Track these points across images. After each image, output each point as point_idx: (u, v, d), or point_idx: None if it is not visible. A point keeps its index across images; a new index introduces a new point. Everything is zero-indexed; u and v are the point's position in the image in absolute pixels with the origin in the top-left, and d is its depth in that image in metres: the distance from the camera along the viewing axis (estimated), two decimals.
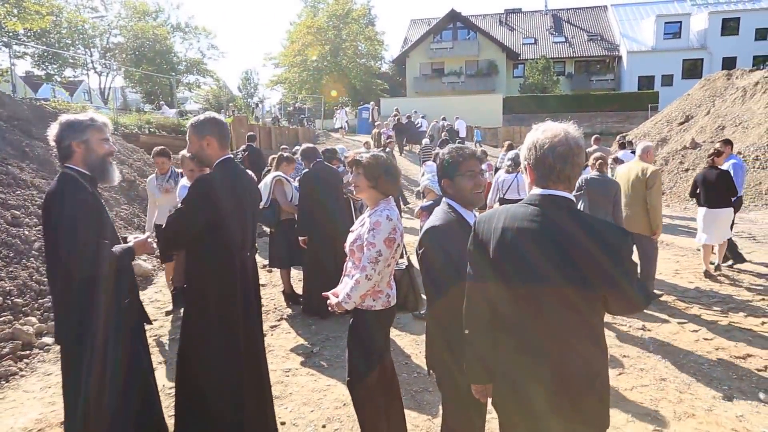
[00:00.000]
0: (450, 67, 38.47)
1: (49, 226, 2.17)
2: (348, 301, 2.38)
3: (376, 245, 2.34)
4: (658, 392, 3.54)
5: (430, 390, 3.52)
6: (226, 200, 2.44)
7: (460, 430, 2.14)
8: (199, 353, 2.48)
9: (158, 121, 13.42)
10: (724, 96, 17.96)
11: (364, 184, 2.45)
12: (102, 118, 2.36)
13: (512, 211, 1.63)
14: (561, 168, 1.58)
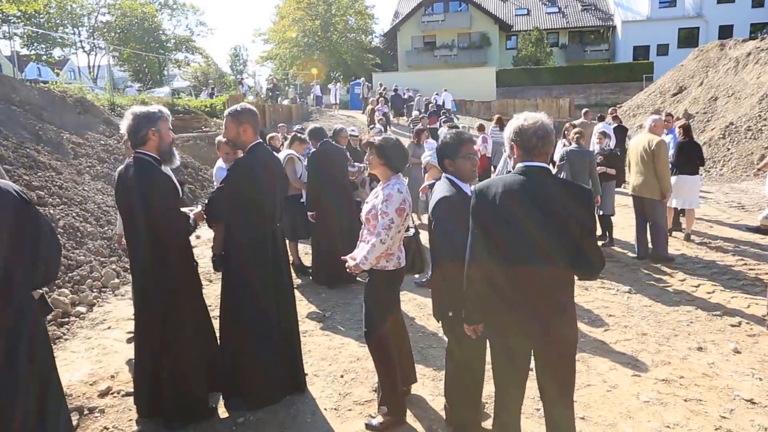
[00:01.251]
0: (442, 40, 38.42)
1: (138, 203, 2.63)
2: (365, 262, 2.80)
3: (389, 214, 2.77)
4: (639, 345, 4.02)
5: (434, 346, 4.01)
6: (260, 179, 2.91)
7: (464, 366, 2.66)
8: (236, 311, 2.98)
9: (153, 101, 13.60)
10: (717, 67, 18.29)
11: (377, 162, 2.90)
12: (167, 110, 2.82)
13: (504, 180, 2.15)
14: (540, 145, 2.13)
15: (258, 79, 30.92)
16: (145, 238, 2.66)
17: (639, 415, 3.12)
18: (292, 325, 3.19)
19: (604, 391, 3.38)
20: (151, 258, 2.71)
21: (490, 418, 2.92)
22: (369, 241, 2.82)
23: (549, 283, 2.12)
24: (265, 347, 2.99)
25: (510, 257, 2.12)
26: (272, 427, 2.98)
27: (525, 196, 2.07)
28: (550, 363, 2.21)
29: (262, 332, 2.99)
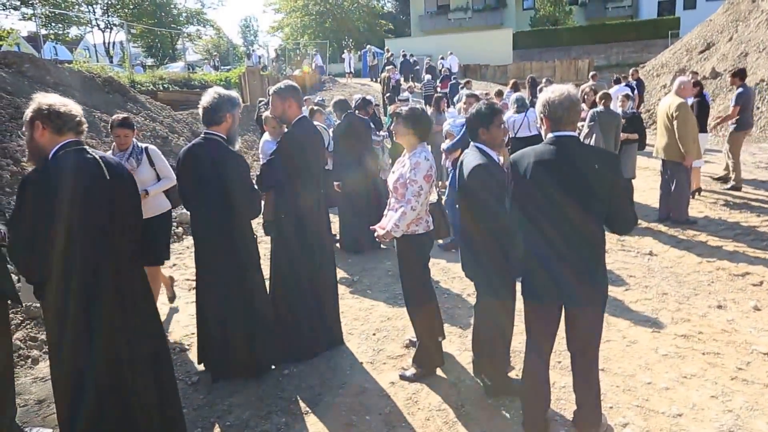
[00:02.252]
0: (456, 3, 37.53)
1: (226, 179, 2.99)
2: (397, 229, 3.00)
3: (417, 181, 2.98)
4: (659, 303, 4.23)
5: (459, 306, 4.32)
6: (307, 150, 3.26)
7: (494, 321, 2.93)
8: (285, 271, 3.37)
9: (170, 77, 14.01)
10: (748, 20, 17.74)
11: (403, 131, 3.09)
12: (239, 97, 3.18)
13: (538, 150, 2.40)
14: (567, 116, 2.36)
15: (269, 50, 30.99)
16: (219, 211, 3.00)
17: (657, 366, 3.36)
18: (332, 284, 3.56)
19: (623, 345, 3.62)
20: (218, 228, 3.03)
21: (514, 369, 3.20)
22: (398, 209, 3.03)
23: (581, 243, 2.34)
24: (309, 303, 3.35)
25: (545, 220, 2.36)
26: (314, 378, 3.33)
27: (557, 163, 2.31)
28: (580, 318, 2.45)
29: (307, 290, 3.34)
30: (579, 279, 2.35)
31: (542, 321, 2.55)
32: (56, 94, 2.44)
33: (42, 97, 2.27)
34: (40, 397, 3.23)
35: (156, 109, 10.21)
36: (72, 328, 2.16)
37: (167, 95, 12.39)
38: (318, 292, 3.39)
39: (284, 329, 3.40)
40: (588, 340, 2.50)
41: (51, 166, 2.15)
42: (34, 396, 3.24)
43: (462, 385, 3.21)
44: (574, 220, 2.30)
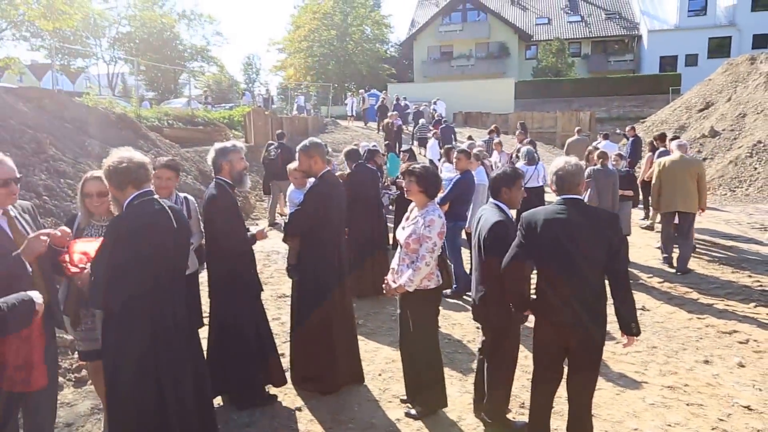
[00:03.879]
0: (459, 50, 39.53)
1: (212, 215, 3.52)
2: (411, 284, 3.36)
3: (432, 238, 3.35)
4: (648, 356, 4.67)
5: (459, 351, 4.77)
6: (331, 202, 3.79)
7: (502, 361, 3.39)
8: (307, 312, 3.84)
9: (174, 113, 14.65)
10: (746, 82, 18.88)
11: (415, 189, 3.48)
12: (240, 144, 3.72)
13: (547, 209, 2.95)
14: (570, 183, 2.96)
15: (269, 89, 32.69)
16: (214, 245, 3.58)
17: (644, 415, 3.77)
18: (352, 325, 4.06)
19: (613, 394, 4.04)
20: (217, 262, 3.59)
21: (511, 411, 3.61)
22: (411, 264, 3.41)
23: (585, 292, 2.85)
24: (328, 343, 3.81)
25: (553, 271, 2.89)
26: (325, 413, 3.74)
27: (564, 222, 2.84)
28: (581, 363, 2.94)
29: (328, 330, 3.81)
30: (584, 325, 2.85)
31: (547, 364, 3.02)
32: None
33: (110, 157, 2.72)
34: (68, 421, 3.62)
35: (165, 146, 10.78)
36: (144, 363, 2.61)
37: (173, 132, 12.98)
38: (338, 331, 3.85)
39: (309, 363, 3.91)
40: (585, 384, 2.97)
41: (131, 214, 2.61)
42: (62, 420, 3.60)
43: (463, 424, 3.62)
44: (578, 270, 2.81)
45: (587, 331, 2.85)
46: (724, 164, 14.56)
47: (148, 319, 2.59)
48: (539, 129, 25.36)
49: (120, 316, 2.55)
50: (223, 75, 39.47)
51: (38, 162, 6.83)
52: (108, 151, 8.39)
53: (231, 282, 3.58)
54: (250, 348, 3.64)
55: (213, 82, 37.27)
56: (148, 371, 2.60)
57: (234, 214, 3.58)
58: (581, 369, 2.94)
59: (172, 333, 2.66)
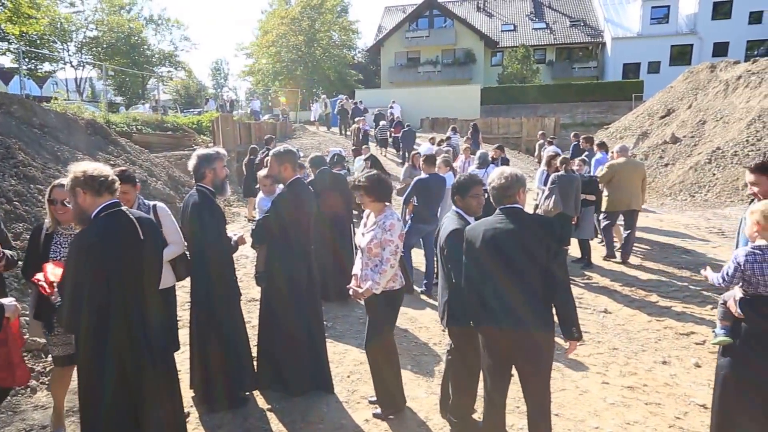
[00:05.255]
0: (426, 56, 40.21)
1: (194, 225, 3.59)
2: (377, 287, 3.55)
3: (394, 241, 3.59)
4: (610, 358, 4.92)
5: (426, 354, 4.96)
6: (299, 210, 3.91)
7: (466, 364, 3.52)
8: (275, 318, 3.99)
9: (143, 118, 14.84)
10: (706, 89, 19.88)
11: (368, 200, 3.71)
12: (222, 151, 3.83)
13: (487, 221, 3.11)
14: (505, 195, 3.10)
15: (237, 93, 33.19)
16: (197, 253, 3.66)
17: (604, 414, 4.00)
18: (320, 331, 4.17)
19: (576, 394, 4.26)
20: (201, 269, 3.66)
21: (476, 411, 3.77)
22: (375, 268, 3.61)
23: (528, 299, 2.99)
24: (296, 348, 3.95)
25: (495, 278, 3.03)
26: (296, 414, 3.90)
27: (503, 233, 3.00)
28: (530, 368, 3.08)
29: (295, 336, 3.94)
30: (528, 332, 2.99)
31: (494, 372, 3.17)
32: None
33: (75, 166, 2.74)
34: (42, 423, 3.75)
35: (135, 152, 10.81)
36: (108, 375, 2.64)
37: (142, 137, 13.12)
38: (304, 337, 3.97)
39: (276, 367, 4.04)
40: (538, 390, 3.11)
41: (95, 228, 2.63)
42: (37, 422, 3.75)
43: (430, 424, 3.80)
44: (520, 277, 2.98)
45: (532, 336, 3.00)
46: (685, 170, 15.29)
47: (119, 332, 2.64)
48: (505, 134, 26.04)
49: (91, 330, 2.59)
50: (191, 80, 39.59)
51: (8, 167, 6.92)
52: (78, 156, 8.39)
53: (215, 289, 3.68)
54: (230, 352, 3.77)
55: (181, 87, 37.24)
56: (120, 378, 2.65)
57: (221, 222, 3.71)
58: (531, 374, 3.09)
59: (142, 344, 2.71)
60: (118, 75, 33.54)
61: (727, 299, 2.95)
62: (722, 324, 2.97)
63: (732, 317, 2.90)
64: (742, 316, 2.82)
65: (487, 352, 3.20)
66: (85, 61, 34.07)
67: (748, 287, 2.84)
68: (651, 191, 15.35)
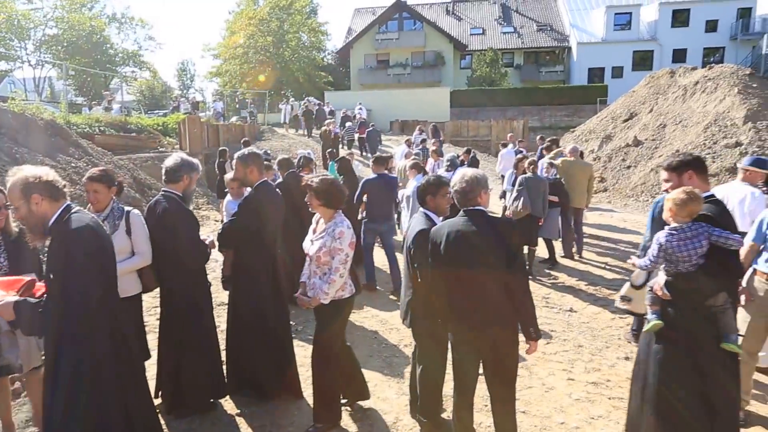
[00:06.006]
0: (395, 59, 40.39)
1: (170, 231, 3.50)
2: (326, 297, 3.46)
3: (344, 250, 3.47)
4: (575, 355, 5.05)
5: (397, 355, 4.98)
6: (265, 214, 3.85)
7: (431, 364, 3.56)
8: (243, 322, 3.96)
9: (106, 120, 14.34)
10: (666, 94, 20.54)
11: (316, 203, 3.55)
12: (198, 163, 3.77)
13: (451, 222, 3.18)
14: (468, 197, 3.17)
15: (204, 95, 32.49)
16: (172, 261, 3.57)
17: (570, 409, 4.11)
18: (287, 335, 4.16)
19: (542, 391, 4.36)
20: (173, 276, 3.60)
21: (446, 411, 3.83)
22: (323, 277, 3.51)
23: (491, 298, 3.06)
24: (265, 352, 3.91)
25: (458, 279, 3.10)
26: (265, 418, 3.88)
27: (466, 234, 3.07)
28: (495, 366, 3.16)
29: (263, 340, 3.90)
30: (493, 331, 3.07)
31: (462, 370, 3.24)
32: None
33: (17, 171, 2.64)
34: None
35: (97, 154, 10.51)
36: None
37: (105, 139, 12.71)
38: (271, 340, 3.93)
39: (245, 370, 4.00)
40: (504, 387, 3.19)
41: (69, 228, 2.53)
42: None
43: (400, 425, 3.84)
44: (483, 277, 3.05)
45: (497, 333, 3.08)
46: (646, 172, 15.76)
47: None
48: (475, 137, 26.37)
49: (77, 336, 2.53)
50: (156, 81, 38.52)
51: None
52: (38, 159, 8.08)
53: (189, 295, 3.63)
54: (202, 358, 3.73)
55: (146, 88, 36.24)
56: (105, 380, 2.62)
57: (195, 228, 3.65)
58: (498, 370, 3.17)
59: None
60: (79, 74, 32.27)
61: (654, 286, 3.15)
62: (652, 309, 3.18)
63: (660, 301, 3.11)
64: (668, 296, 3.04)
65: (454, 350, 3.27)
66: (44, 60, 32.75)
67: (669, 266, 3.06)
68: (615, 192, 15.81)
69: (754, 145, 14.75)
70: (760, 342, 3.98)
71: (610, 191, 15.97)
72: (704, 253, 2.95)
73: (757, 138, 14.95)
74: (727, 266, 2.98)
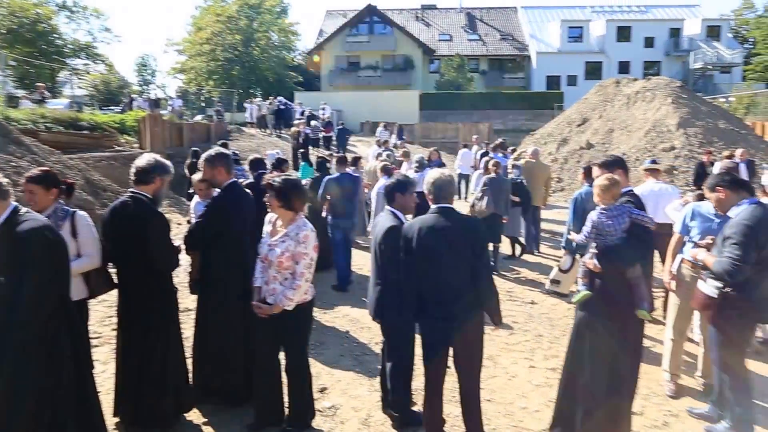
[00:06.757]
0: (366, 61, 40.10)
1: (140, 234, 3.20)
2: (290, 303, 3.21)
3: (309, 254, 3.24)
4: (535, 344, 5.13)
5: (367, 354, 4.91)
6: (233, 215, 3.62)
7: (400, 358, 3.56)
8: (210, 327, 3.72)
9: (53, 115, 12.88)
10: (613, 102, 21.06)
11: (275, 204, 3.28)
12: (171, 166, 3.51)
13: (424, 218, 3.19)
14: (445, 194, 3.21)
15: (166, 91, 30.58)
16: (140, 266, 3.26)
17: (531, 395, 4.17)
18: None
19: (506, 380, 4.41)
20: (141, 282, 3.30)
21: (416, 404, 3.82)
22: (284, 282, 3.26)
23: (458, 289, 3.09)
24: (234, 357, 3.66)
25: (429, 273, 3.11)
26: (235, 425, 3.62)
27: (437, 229, 3.09)
28: (464, 353, 3.19)
29: (232, 344, 3.65)
30: (460, 319, 3.10)
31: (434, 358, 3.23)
32: None
33: None
34: None
35: (44, 153, 9.53)
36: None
37: (52, 136, 11.37)
38: (243, 345, 3.64)
39: (209, 377, 3.72)
40: (471, 371, 3.22)
41: (49, 229, 2.40)
42: None
43: (371, 420, 3.78)
44: (451, 270, 3.08)
45: (466, 324, 3.11)
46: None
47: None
48: (443, 139, 26.48)
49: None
50: (112, 75, 36.01)
51: None
52: None
53: (155, 302, 3.34)
54: (168, 370, 3.40)
55: (100, 82, 33.39)
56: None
57: (168, 232, 3.40)
58: (464, 359, 3.21)
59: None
60: (20, 65, 28.43)
61: (586, 261, 3.40)
62: (583, 281, 3.44)
63: (590, 274, 3.37)
64: (599, 268, 3.28)
65: (425, 342, 3.26)
66: None
67: (599, 239, 3.36)
68: (570, 191, 16.05)
69: (685, 149, 15.45)
70: (688, 322, 4.30)
71: (566, 190, 16.27)
72: (626, 228, 3.31)
73: (687, 143, 15.68)
74: (643, 239, 3.35)
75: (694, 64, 37.06)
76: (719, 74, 37.74)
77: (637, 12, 41.82)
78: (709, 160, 11.12)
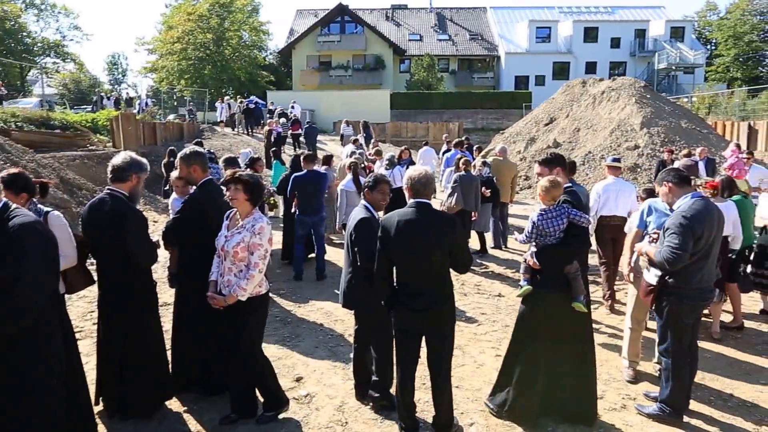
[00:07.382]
0: (337, 61, 40.10)
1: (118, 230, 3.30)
2: (244, 293, 3.30)
3: (264, 245, 3.36)
4: (502, 334, 5.34)
5: (342, 344, 5.05)
6: (209, 211, 3.73)
7: (378, 338, 3.73)
8: (188, 319, 3.84)
9: (24, 114, 12.93)
10: (579, 101, 21.67)
11: (242, 197, 3.40)
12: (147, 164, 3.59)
13: (401, 212, 3.31)
14: (424, 189, 3.33)
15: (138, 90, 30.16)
16: (119, 261, 3.37)
17: None
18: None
19: (474, 368, 4.61)
20: (121, 277, 3.42)
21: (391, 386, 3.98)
22: (239, 273, 3.37)
23: (432, 281, 3.27)
24: (212, 348, 3.79)
25: (405, 264, 3.27)
26: (214, 413, 3.75)
27: (414, 222, 3.23)
28: (436, 341, 3.36)
29: (210, 335, 3.77)
30: (433, 308, 3.28)
31: (405, 345, 3.40)
32: None
33: None
34: None
35: (17, 152, 9.53)
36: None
37: (23, 135, 11.43)
38: (221, 336, 3.71)
39: (187, 368, 3.87)
40: (442, 359, 3.39)
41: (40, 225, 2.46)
42: None
43: (345, 407, 3.93)
44: (426, 263, 3.25)
45: (438, 312, 3.30)
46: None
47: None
48: (413, 138, 26.74)
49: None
50: (82, 73, 35.46)
51: None
52: None
53: (135, 296, 3.47)
54: (148, 361, 3.56)
55: (71, 81, 33.05)
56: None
57: (146, 227, 3.49)
58: (436, 347, 3.38)
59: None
60: None
61: (527, 258, 3.64)
62: (524, 277, 3.70)
63: (531, 270, 3.62)
64: (538, 265, 3.53)
65: (397, 330, 3.43)
66: None
67: (539, 239, 3.56)
68: (538, 189, 16.56)
69: (648, 148, 16.02)
70: (645, 312, 4.59)
71: (533, 188, 16.71)
72: (564, 229, 3.50)
73: (650, 142, 16.26)
74: (580, 238, 3.58)
75: (658, 64, 38.08)
76: (683, 74, 38.88)
77: (603, 13, 42.93)
78: (669, 158, 11.61)
